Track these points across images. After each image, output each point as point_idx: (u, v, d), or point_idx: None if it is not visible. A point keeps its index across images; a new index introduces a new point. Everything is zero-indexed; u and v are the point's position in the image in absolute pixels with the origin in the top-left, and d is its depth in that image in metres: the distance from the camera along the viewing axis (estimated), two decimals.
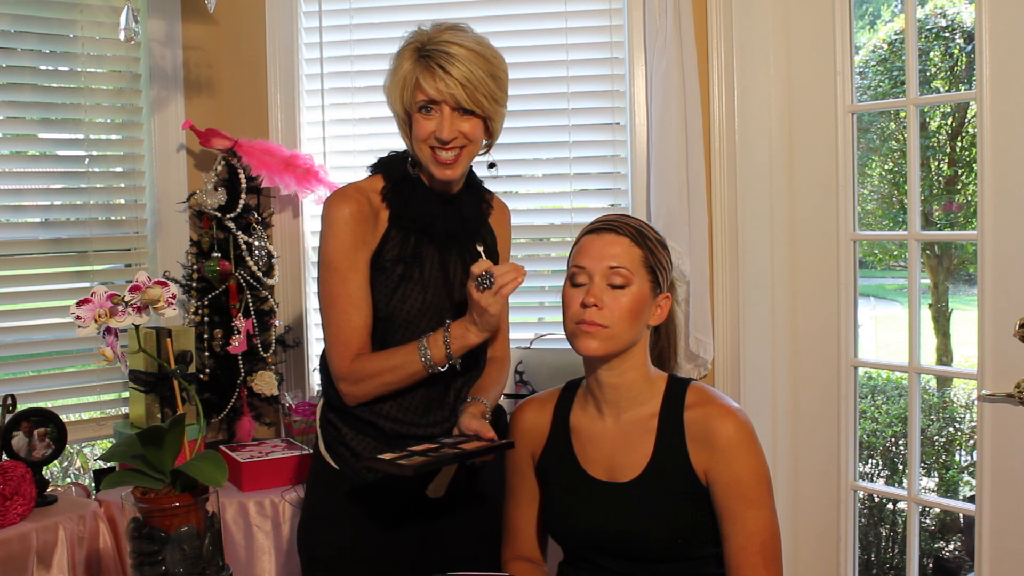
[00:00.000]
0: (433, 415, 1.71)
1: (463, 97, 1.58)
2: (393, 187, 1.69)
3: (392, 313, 1.65)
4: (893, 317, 5.74)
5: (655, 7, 2.34)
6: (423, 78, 1.58)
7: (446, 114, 1.59)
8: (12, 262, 2.47)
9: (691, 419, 1.51)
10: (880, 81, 4.54)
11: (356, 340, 1.64)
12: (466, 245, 1.73)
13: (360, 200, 1.65)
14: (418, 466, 1.45)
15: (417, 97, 1.60)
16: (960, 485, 4.10)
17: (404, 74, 1.60)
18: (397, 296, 1.65)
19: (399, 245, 1.67)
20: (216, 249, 2.45)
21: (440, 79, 1.57)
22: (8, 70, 2.43)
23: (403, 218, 1.67)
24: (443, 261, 1.69)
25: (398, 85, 1.62)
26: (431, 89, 1.58)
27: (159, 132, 2.59)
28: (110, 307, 1.50)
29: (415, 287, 1.66)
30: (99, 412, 2.66)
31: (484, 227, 1.79)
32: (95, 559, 2.08)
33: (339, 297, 1.64)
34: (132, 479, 1.45)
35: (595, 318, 1.49)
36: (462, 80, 1.57)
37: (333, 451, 1.74)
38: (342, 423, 1.72)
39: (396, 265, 1.66)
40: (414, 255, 1.67)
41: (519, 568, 1.65)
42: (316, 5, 2.60)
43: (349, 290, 1.63)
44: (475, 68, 1.58)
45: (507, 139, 2.61)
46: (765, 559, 1.46)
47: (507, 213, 1.89)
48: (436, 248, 1.69)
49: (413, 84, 1.59)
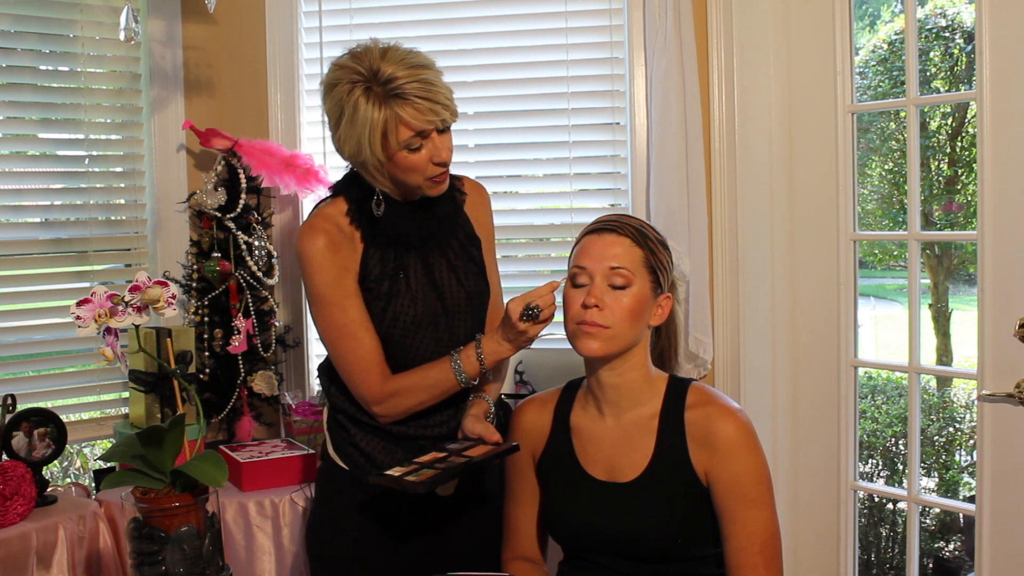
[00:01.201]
0: (438, 415, 1.71)
1: (449, 116, 1.55)
2: (358, 208, 1.65)
3: (387, 331, 1.65)
4: (893, 317, 5.74)
5: (655, 7, 2.34)
6: (408, 116, 1.50)
7: (435, 139, 1.55)
8: (12, 262, 2.47)
9: (692, 419, 1.51)
10: (880, 81, 4.54)
11: (376, 362, 1.65)
12: (448, 243, 1.71)
13: (329, 229, 1.63)
14: (427, 482, 1.45)
15: (403, 136, 1.52)
16: (960, 485, 4.10)
17: (375, 120, 1.50)
18: (388, 315, 1.64)
19: (380, 262, 1.65)
20: (216, 249, 2.45)
21: (428, 111, 1.51)
22: (8, 70, 2.43)
23: (377, 236, 1.65)
24: (427, 266, 1.68)
25: (368, 133, 1.51)
26: (422, 123, 1.51)
27: (159, 132, 2.59)
28: (110, 307, 1.51)
29: (404, 301, 1.65)
30: (99, 412, 2.66)
31: (460, 216, 1.76)
32: (95, 559, 2.08)
33: (345, 326, 1.63)
34: (132, 479, 1.45)
35: (596, 319, 1.49)
36: (444, 102, 1.53)
37: (342, 452, 1.74)
38: (351, 424, 1.73)
39: (381, 283, 1.65)
40: (397, 268, 1.66)
41: (519, 568, 1.65)
42: (316, 5, 2.60)
43: (352, 316, 1.63)
44: (440, 84, 1.54)
45: (507, 139, 2.63)
46: (765, 559, 1.46)
47: (484, 195, 1.82)
48: (418, 256, 1.68)
49: (396, 125, 1.51)
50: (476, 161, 2.66)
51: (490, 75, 2.56)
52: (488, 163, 2.65)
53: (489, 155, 2.65)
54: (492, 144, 2.64)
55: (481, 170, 2.69)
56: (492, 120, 2.62)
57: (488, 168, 2.64)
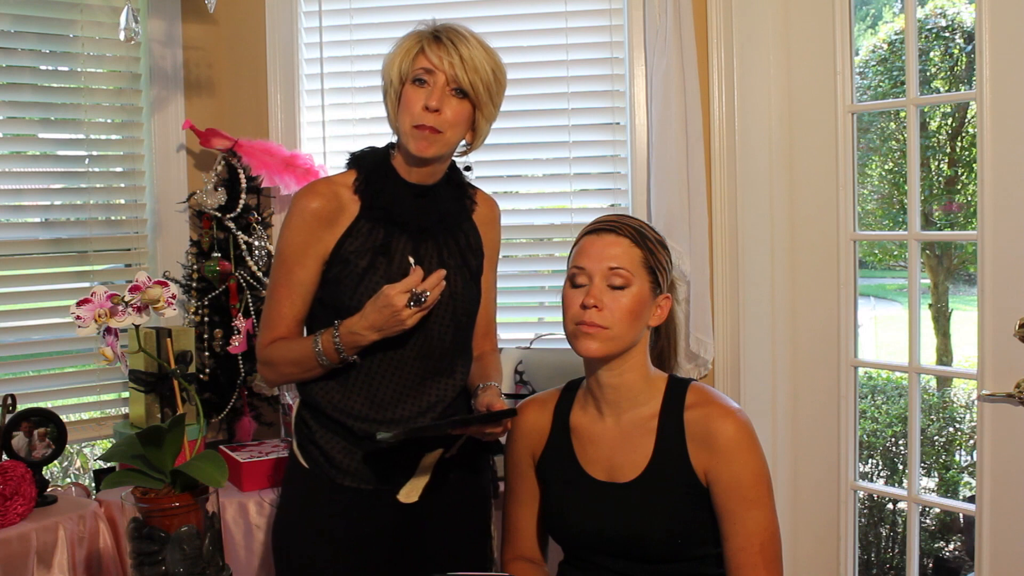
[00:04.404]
0: (402, 408, 1.66)
1: (462, 72, 1.58)
2: (366, 178, 1.67)
3: (356, 307, 1.60)
4: (893, 317, 5.74)
5: (655, 7, 2.34)
6: (428, 47, 1.59)
7: (439, 84, 1.59)
8: (12, 262, 2.47)
9: (691, 419, 1.51)
10: (880, 81, 4.54)
11: (280, 326, 1.66)
12: (444, 240, 1.69)
13: (328, 196, 1.64)
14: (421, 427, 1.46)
15: (416, 64, 1.60)
16: (960, 485, 4.10)
17: (408, 45, 1.62)
18: (362, 289, 1.61)
19: (366, 236, 1.64)
20: (216, 249, 2.45)
21: (444, 50, 1.58)
22: (8, 70, 2.43)
23: (374, 208, 1.65)
24: (416, 252, 1.66)
25: (399, 55, 1.62)
26: (433, 56, 1.58)
27: (159, 132, 2.59)
28: (110, 307, 1.51)
29: (380, 280, 1.61)
30: (99, 412, 2.66)
31: (467, 223, 1.75)
32: (95, 559, 2.08)
33: (279, 287, 1.66)
34: (132, 479, 1.45)
35: (595, 319, 1.49)
36: (465, 57, 1.58)
37: (304, 450, 1.71)
38: (314, 421, 1.70)
39: (361, 256, 1.63)
40: (383, 246, 1.64)
41: (519, 568, 1.65)
42: (316, 5, 2.60)
43: (290, 281, 1.65)
44: (480, 55, 1.60)
45: (507, 139, 2.63)
46: (765, 559, 1.46)
47: (496, 212, 1.83)
48: (409, 239, 1.66)
49: (415, 53, 1.60)
50: (476, 161, 2.66)
51: None
52: (488, 163, 2.65)
53: (489, 155, 2.64)
54: (492, 144, 2.62)
55: (481, 170, 2.69)
56: None
57: (488, 168, 2.64)
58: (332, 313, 1.63)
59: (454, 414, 1.70)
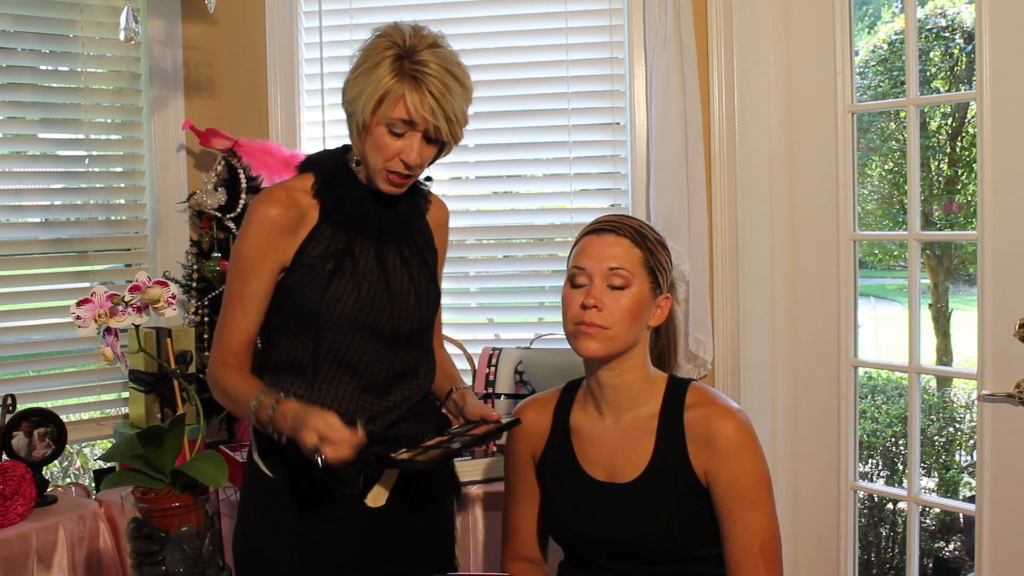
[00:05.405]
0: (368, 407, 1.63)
1: (445, 131, 1.52)
2: (324, 183, 1.63)
3: (324, 311, 1.58)
4: (893, 317, 5.74)
5: (655, 7, 2.34)
6: (410, 98, 1.50)
7: (416, 140, 1.53)
8: (12, 262, 2.47)
9: (691, 419, 1.51)
10: (880, 81, 4.54)
11: (234, 342, 1.61)
12: (405, 241, 1.68)
13: (287, 203, 1.60)
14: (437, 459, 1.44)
15: (394, 114, 1.51)
16: (960, 485, 4.10)
17: (385, 85, 1.51)
18: (329, 294, 1.59)
19: (328, 240, 1.61)
20: (216, 249, 2.45)
21: (428, 107, 1.50)
22: (8, 70, 2.43)
23: (337, 214, 1.62)
24: (380, 254, 1.64)
25: (372, 93, 1.52)
26: (416, 113, 1.50)
27: (159, 132, 2.59)
28: (110, 307, 1.51)
29: (348, 283, 1.59)
30: (99, 412, 2.66)
31: (422, 223, 1.74)
32: (95, 559, 2.08)
33: (232, 298, 1.61)
34: (132, 479, 1.45)
35: (595, 319, 1.49)
36: (449, 114, 1.51)
37: (268, 458, 1.65)
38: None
39: (326, 261, 1.60)
40: (346, 250, 1.61)
41: (519, 568, 1.65)
42: (316, 5, 2.60)
43: (244, 291, 1.60)
44: (460, 101, 1.53)
45: (507, 139, 2.63)
46: (765, 559, 1.46)
47: (447, 214, 1.81)
48: (371, 244, 1.64)
49: (395, 100, 1.50)
50: (476, 161, 2.67)
51: (490, 75, 2.56)
52: (488, 163, 2.65)
53: (489, 155, 2.65)
54: (492, 144, 2.64)
55: (481, 170, 2.70)
56: (492, 120, 2.62)
57: (488, 168, 2.64)
58: (293, 319, 1.61)
59: (422, 414, 1.68)
